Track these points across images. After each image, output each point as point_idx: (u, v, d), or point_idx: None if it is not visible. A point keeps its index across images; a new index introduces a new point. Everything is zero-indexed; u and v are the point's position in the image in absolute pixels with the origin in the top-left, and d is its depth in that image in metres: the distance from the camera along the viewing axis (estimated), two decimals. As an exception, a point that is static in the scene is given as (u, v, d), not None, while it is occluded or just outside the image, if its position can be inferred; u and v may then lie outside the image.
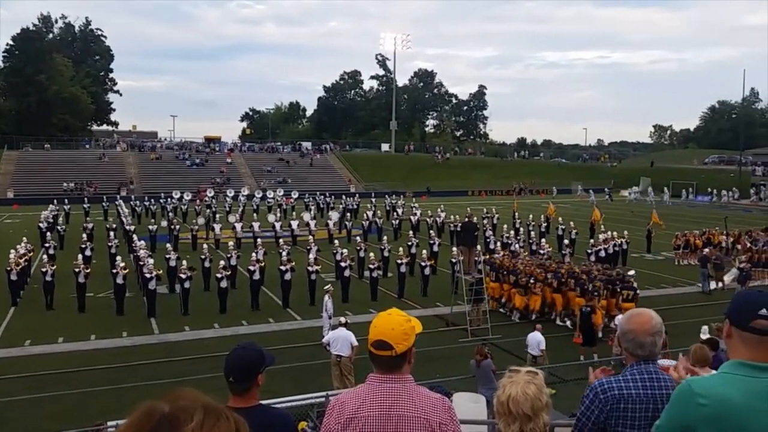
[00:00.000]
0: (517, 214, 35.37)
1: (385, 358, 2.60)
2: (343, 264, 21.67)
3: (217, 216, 37.14)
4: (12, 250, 22.21)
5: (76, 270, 20.05)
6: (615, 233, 27.20)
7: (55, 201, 40.39)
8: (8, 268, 20.66)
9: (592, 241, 26.76)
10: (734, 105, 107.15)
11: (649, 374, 2.94)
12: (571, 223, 30.57)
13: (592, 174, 75.50)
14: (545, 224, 33.35)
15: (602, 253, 24.87)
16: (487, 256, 22.38)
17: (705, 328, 13.22)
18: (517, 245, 26.47)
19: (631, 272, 19.79)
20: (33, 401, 13.12)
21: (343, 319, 14.04)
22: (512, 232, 30.18)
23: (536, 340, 14.34)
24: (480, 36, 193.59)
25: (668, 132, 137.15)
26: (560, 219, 31.73)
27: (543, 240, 27.48)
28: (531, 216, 34.50)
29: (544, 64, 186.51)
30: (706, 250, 25.04)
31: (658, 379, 2.94)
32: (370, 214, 36.11)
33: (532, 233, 30.14)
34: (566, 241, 26.58)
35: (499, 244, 26.93)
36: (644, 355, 2.97)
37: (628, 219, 39.21)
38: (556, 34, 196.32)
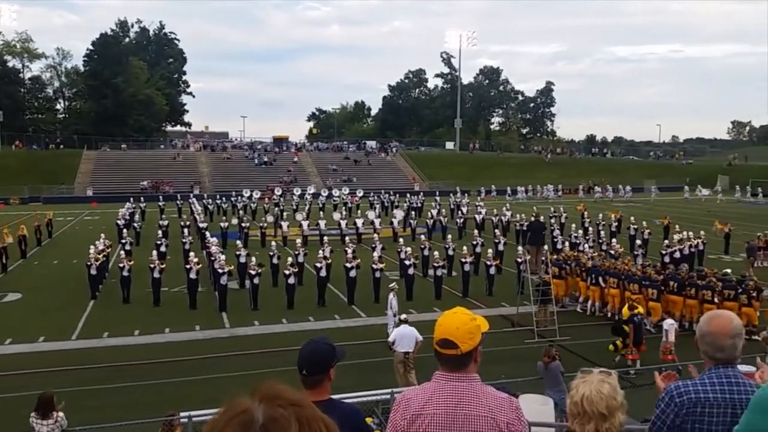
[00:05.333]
0: (586, 213, 34.46)
1: (450, 356, 2.60)
2: (407, 262, 21.68)
3: (285, 214, 37.78)
4: (91, 246, 23.14)
5: (152, 265, 20.71)
6: (691, 233, 26.12)
7: (131, 199, 41.96)
8: (88, 263, 21.68)
9: (666, 242, 25.76)
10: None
11: (728, 378, 2.85)
12: (644, 222, 29.53)
13: (666, 172, 72.75)
14: (616, 224, 32.35)
15: (677, 255, 23.90)
16: (554, 256, 21.96)
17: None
18: (586, 245, 25.81)
19: (728, 270, 19.31)
20: (110, 391, 13.72)
21: (404, 316, 14.18)
22: (581, 231, 29.44)
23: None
24: (546, 31, 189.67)
25: (747, 128, 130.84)
26: (632, 218, 30.69)
27: (614, 240, 26.68)
28: (601, 215, 33.55)
29: (613, 59, 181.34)
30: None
31: (738, 383, 2.85)
32: (434, 212, 36.00)
33: (602, 233, 29.30)
34: (638, 242, 25.73)
35: (567, 243, 26.36)
36: (724, 358, 2.88)
37: (705, 219, 37.59)
38: (626, 27, 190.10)
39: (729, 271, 19.48)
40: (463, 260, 21.92)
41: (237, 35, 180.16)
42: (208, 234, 27.82)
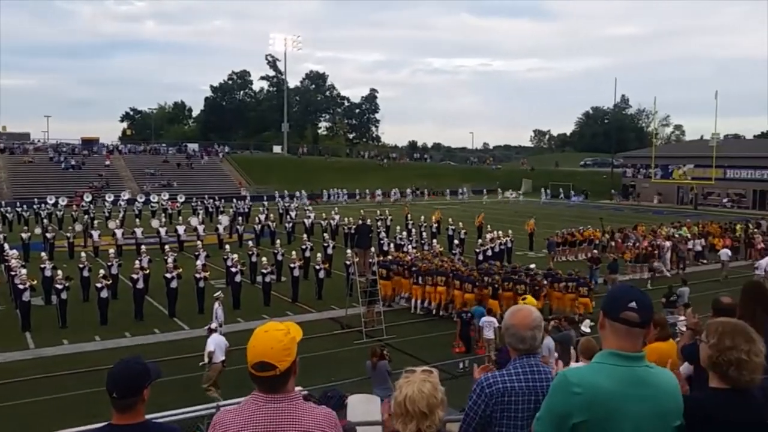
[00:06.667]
0: (409, 215, 36.03)
1: (268, 378, 2.49)
2: (233, 269, 21.13)
3: (96, 222, 35.21)
4: None
5: (-64, 283, 18.40)
6: (501, 232, 28.33)
7: None
8: None
9: (480, 240, 27.73)
10: (606, 111, 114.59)
11: (530, 367, 3.07)
12: (460, 223, 31.51)
13: (479, 176, 78.28)
14: (436, 225, 34.18)
15: (489, 252, 25.83)
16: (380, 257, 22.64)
17: (587, 321, 14.14)
18: (410, 246, 26.95)
19: (532, 266, 20.97)
20: None
21: (214, 325, 14.08)
22: (405, 233, 30.69)
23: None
24: (368, 40, 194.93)
25: (547, 136, 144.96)
26: (450, 220, 32.61)
27: (434, 240, 28.12)
28: (423, 217, 35.22)
29: (430, 70, 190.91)
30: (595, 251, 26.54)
31: (539, 371, 3.07)
32: (262, 217, 35.49)
33: (424, 234, 30.78)
34: (456, 241, 27.39)
35: (392, 245, 27.33)
36: (525, 348, 3.10)
37: (512, 219, 41.00)
38: (440, 41, 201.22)
39: (534, 265, 21.39)
40: (292, 265, 21.84)
41: (38, 28, 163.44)
42: (6, 246, 25.31)
